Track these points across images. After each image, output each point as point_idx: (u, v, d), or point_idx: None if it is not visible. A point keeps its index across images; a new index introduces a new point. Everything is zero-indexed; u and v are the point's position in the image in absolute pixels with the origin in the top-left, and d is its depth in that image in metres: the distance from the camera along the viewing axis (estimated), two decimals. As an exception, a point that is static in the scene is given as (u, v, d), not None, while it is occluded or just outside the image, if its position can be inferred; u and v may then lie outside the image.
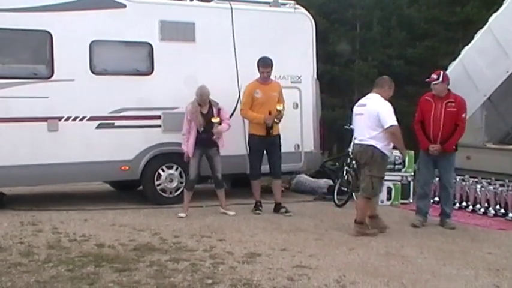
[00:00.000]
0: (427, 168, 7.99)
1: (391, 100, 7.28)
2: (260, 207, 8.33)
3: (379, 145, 7.03)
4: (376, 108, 7.06)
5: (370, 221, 7.37)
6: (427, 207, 8.06)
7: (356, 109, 7.41)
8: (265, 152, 8.32)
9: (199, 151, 7.98)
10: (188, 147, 7.93)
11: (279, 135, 8.32)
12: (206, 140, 7.93)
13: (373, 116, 7.04)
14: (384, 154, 7.10)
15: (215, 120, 7.93)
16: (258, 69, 8.21)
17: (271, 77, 8.34)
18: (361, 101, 7.41)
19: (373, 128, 7.04)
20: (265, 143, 8.24)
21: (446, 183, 7.97)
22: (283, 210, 8.33)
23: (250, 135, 8.36)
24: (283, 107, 8.26)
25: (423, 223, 7.90)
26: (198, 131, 7.93)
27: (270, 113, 8.10)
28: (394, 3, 22.88)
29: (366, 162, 7.16)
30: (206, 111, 7.99)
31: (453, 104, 7.71)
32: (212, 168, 8.11)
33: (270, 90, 8.23)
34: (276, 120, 8.14)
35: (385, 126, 6.96)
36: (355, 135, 7.49)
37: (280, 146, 8.35)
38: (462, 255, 6.43)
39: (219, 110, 8.07)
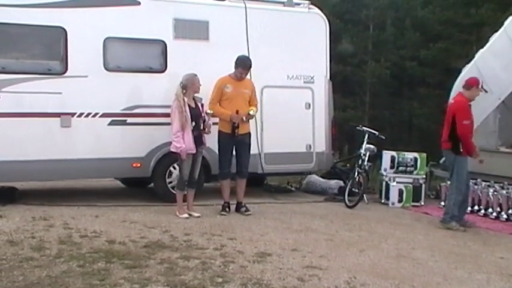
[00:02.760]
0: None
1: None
2: (227, 209, 8.00)
3: None
4: None
5: None
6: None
7: None
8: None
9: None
10: (188, 144, 7.53)
11: (248, 134, 8.09)
12: (196, 137, 7.63)
13: None
14: None
15: (210, 111, 7.70)
16: (236, 69, 7.98)
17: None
18: None
19: None
20: (233, 141, 7.93)
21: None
22: (243, 209, 8.03)
23: (218, 132, 8.01)
24: (255, 111, 8.01)
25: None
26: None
27: (237, 112, 7.85)
28: (407, 5, 22.73)
29: None
30: (194, 105, 7.69)
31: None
32: (192, 167, 7.72)
33: (242, 87, 8.01)
34: (244, 118, 7.89)
35: None
36: None
37: (249, 145, 8.11)
38: (474, 259, 6.39)
39: (202, 105, 7.81)
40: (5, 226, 6.56)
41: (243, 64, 8.01)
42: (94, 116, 8.25)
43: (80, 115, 8.18)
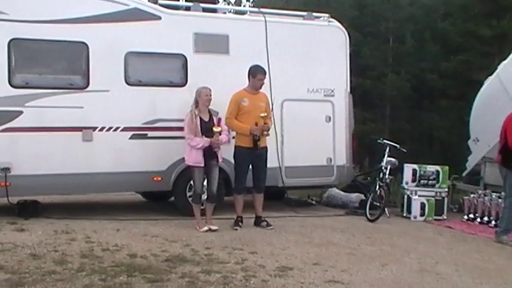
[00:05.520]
0: None
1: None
2: (240, 223, 7.91)
3: None
4: None
5: None
6: None
7: None
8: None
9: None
10: (196, 156, 7.55)
11: (266, 148, 8.05)
12: (206, 150, 7.60)
13: None
14: None
15: (216, 129, 7.62)
16: (254, 77, 7.95)
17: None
18: None
19: None
20: (252, 155, 7.90)
21: None
22: (264, 224, 8.00)
23: (236, 147, 7.98)
24: (267, 115, 7.96)
25: None
26: None
27: (256, 124, 7.84)
28: (427, 17, 22.66)
29: None
30: (207, 119, 7.70)
31: None
32: (209, 181, 7.73)
33: (258, 100, 7.99)
34: (264, 132, 7.87)
35: None
36: None
37: (267, 159, 8.08)
38: (498, 273, 6.30)
39: (219, 119, 7.78)
40: (27, 240, 6.61)
41: (262, 70, 8.03)
42: (115, 130, 8.31)
43: (102, 129, 8.24)
